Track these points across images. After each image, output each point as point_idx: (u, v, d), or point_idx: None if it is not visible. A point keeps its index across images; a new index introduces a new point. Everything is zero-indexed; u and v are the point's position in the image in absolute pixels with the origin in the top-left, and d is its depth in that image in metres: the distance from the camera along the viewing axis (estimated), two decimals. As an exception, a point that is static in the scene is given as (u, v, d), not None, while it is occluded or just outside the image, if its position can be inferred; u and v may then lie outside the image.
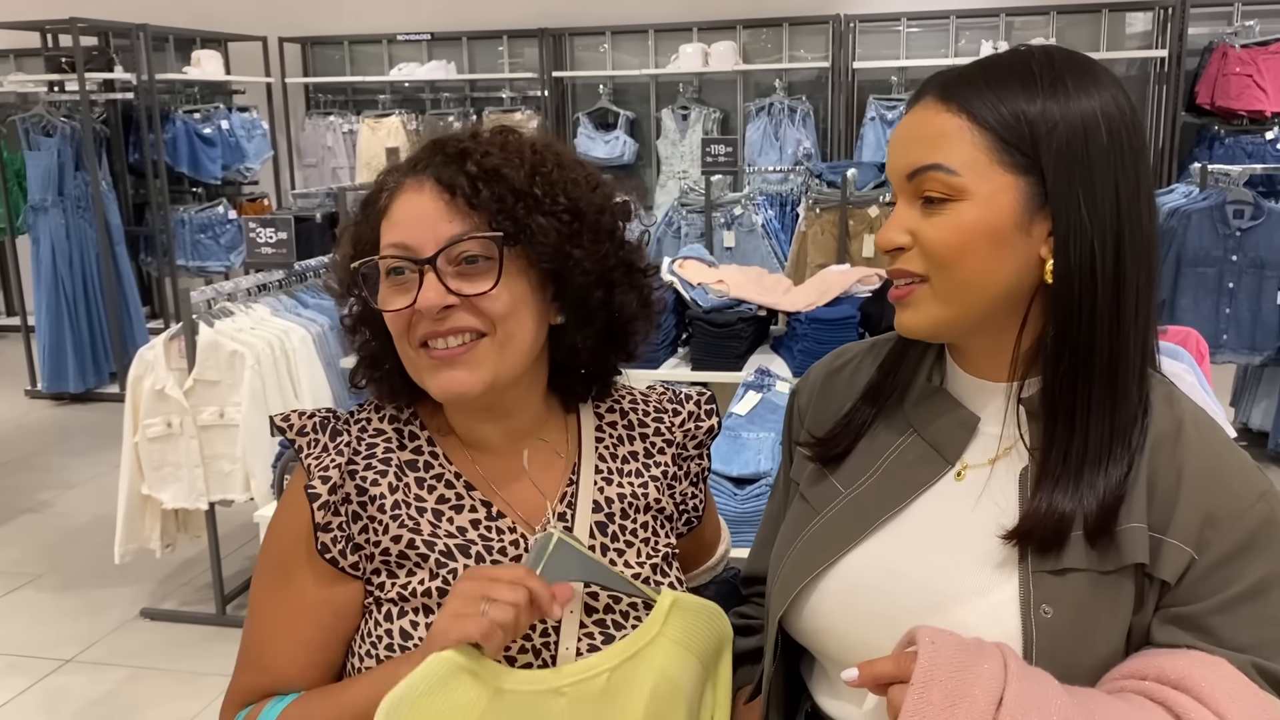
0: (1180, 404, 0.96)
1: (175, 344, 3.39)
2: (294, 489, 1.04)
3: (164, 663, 3.37)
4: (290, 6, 7.90)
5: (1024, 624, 0.90)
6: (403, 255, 0.98)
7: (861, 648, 0.96)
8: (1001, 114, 0.91)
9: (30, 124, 6.20)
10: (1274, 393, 4.79)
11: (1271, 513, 0.90)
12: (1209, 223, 4.42)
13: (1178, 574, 0.89)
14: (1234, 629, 0.88)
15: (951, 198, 0.91)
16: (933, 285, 0.94)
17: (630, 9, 7.37)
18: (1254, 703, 0.82)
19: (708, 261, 3.63)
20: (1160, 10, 6.66)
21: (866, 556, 0.98)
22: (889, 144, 0.99)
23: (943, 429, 1.01)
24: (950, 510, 0.98)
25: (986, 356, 0.99)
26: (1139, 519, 0.90)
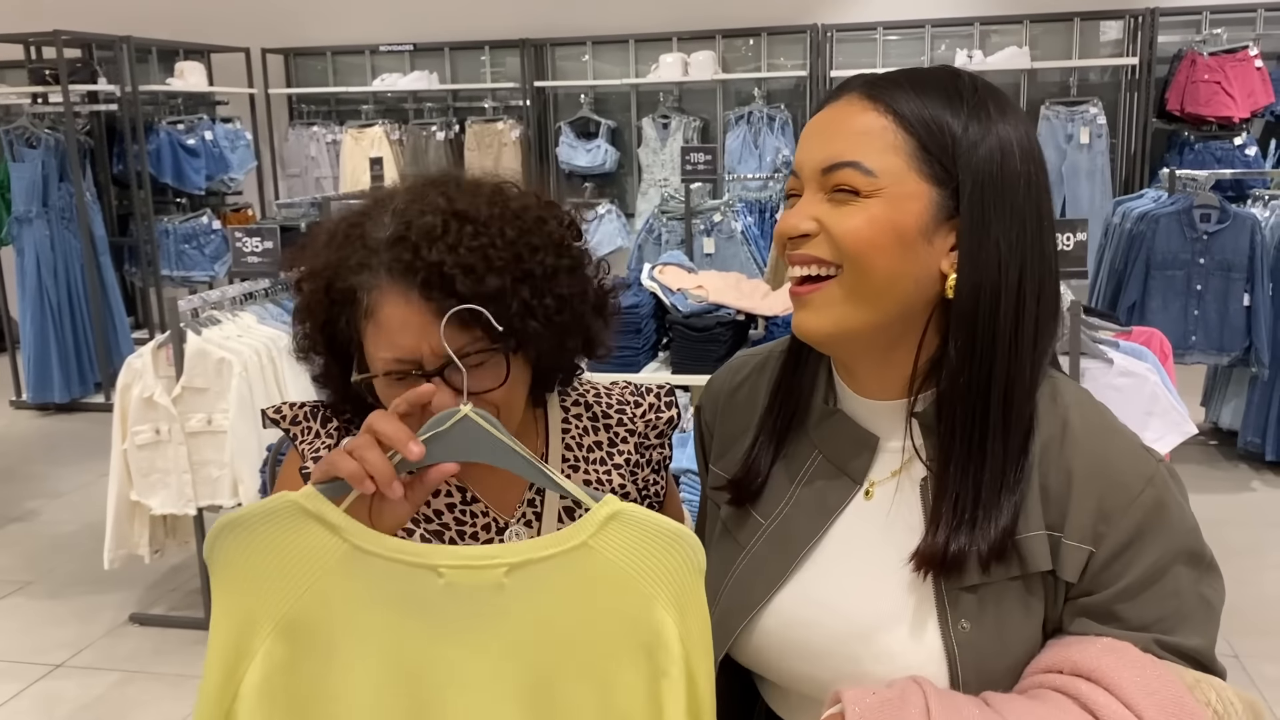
0: (1063, 398, 0.97)
1: (163, 352, 3.44)
2: (287, 472, 1.11)
3: (153, 667, 3.41)
4: (273, 18, 7.94)
5: (945, 642, 0.93)
6: (405, 369, 0.99)
7: (804, 679, 1.01)
8: (926, 122, 0.92)
9: (14, 135, 6.22)
10: (1242, 392, 4.89)
11: (1159, 496, 0.93)
12: (1177, 226, 4.52)
13: (1079, 571, 0.93)
14: (1136, 611, 0.92)
15: (863, 194, 0.91)
16: (842, 281, 0.93)
17: (611, 19, 7.45)
18: (1158, 685, 0.87)
19: (687, 267, 3.70)
20: (1131, 19, 6.78)
21: (795, 592, 1.00)
22: (803, 135, 0.97)
23: (845, 451, 1.02)
24: (864, 532, 1.00)
25: (874, 376, 0.99)
26: (1037, 526, 0.93)
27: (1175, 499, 0.94)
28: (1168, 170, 4.89)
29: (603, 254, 5.15)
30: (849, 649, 0.97)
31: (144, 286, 7.23)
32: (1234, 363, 4.68)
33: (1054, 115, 6.67)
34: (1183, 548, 0.94)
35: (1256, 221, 4.52)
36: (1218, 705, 0.89)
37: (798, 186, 0.97)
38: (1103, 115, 6.64)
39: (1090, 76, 7.03)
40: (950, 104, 0.93)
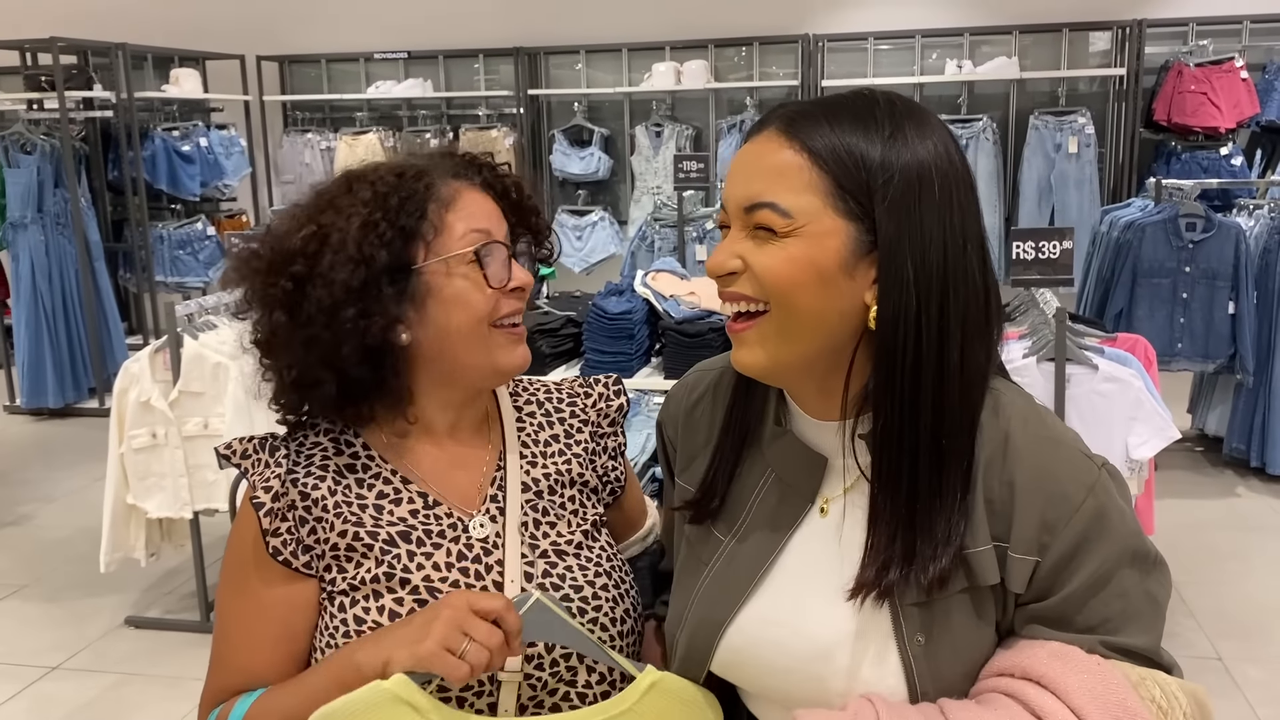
0: (1005, 411, 0.98)
1: (160, 356, 3.47)
2: (245, 504, 1.13)
3: (149, 669, 3.43)
4: (268, 25, 7.98)
5: (901, 656, 0.96)
6: (493, 240, 1.13)
7: (774, 692, 1.05)
8: (841, 159, 0.92)
9: (9, 142, 6.25)
10: (1228, 399, 4.95)
11: (1100, 505, 0.95)
12: (1163, 235, 4.58)
13: (1025, 582, 0.95)
14: (1082, 615, 0.95)
15: (781, 233, 0.93)
16: (771, 317, 0.95)
17: (604, 28, 7.50)
18: (1103, 688, 0.90)
19: (680, 274, 3.74)
20: (1119, 30, 6.85)
21: (756, 611, 1.03)
22: (729, 172, 0.99)
23: (796, 470, 1.04)
24: (820, 548, 1.02)
25: (818, 399, 1.01)
26: (984, 541, 0.95)
27: (1116, 504, 0.96)
28: (1154, 180, 4.94)
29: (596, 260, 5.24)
30: (812, 667, 0.99)
31: (138, 292, 7.25)
32: (1219, 370, 4.73)
33: (1043, 125, 6.73)
34: (1126, 550, 0.95)
35: (1241, 231, 4.58)
36: (1161, 700, 0.92)
37: (726, 220, 0.99)
38: (1091, 125, 6.70)
39: (1079, 86, 7.10)
40: (866, 135, 0.93)
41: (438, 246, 1.10)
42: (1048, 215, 6.70)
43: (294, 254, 1.09)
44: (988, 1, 7.01)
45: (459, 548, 1.12)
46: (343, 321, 1.06)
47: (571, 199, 7.72)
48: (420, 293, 1.09)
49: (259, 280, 1.10)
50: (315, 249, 1.08)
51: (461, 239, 1.10)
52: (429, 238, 1.10)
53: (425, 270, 1.09)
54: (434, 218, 1.10)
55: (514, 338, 1.14)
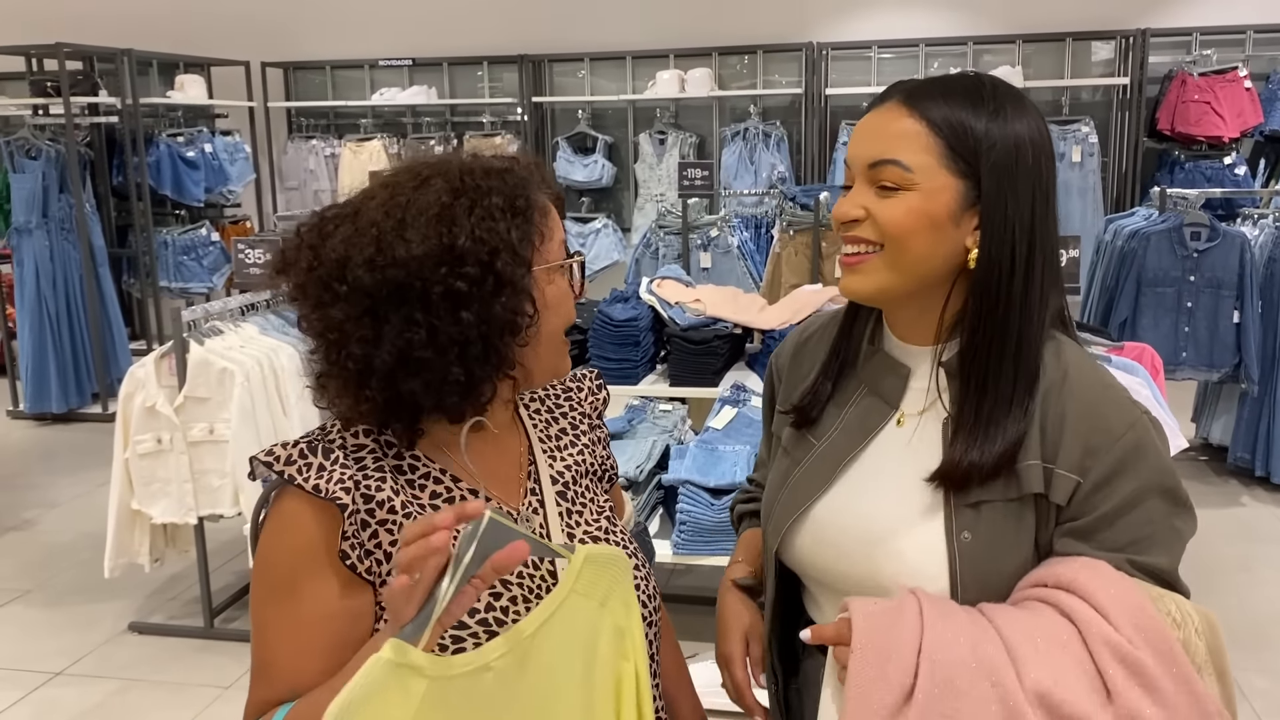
0: (1066, 355, 1.15)
1: (166, 361, 3.47)
2: (288, 509, 1.09)
3: (153, 675, 3.42)
4: (273, 32, 8.00)
5: (949, 548, 1.11)
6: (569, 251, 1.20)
7: (832, 574, 1.21)
8: (953, 126, 1.10)
9: (15, 147, 6.26)
10: (1232, 408, 4.94)
11: (1139, 439, 1.10)
12: (1167, 244, 4.58)
13: (1067, 497, 1.10)
14: (1114, 535, 1.10)
15: (902, 187, 1.10)
16: (884, 255, 1.12)
17: (608, 36, 7.51)
18: (1125, 595, 1.03)
19: (685, 281, 3.74)
20: (1122, 40, 6.87)
21: (832, 499, 1.20)
22: (853, 135, 1.16)
23: (883, 381, 1.21)
24: (893, 453, 1.19)
25: (912, 325, 1.19)
26: (1034, 457, 1.10)
27: (1153, 443, 1.12)
28: (1158, 189, 4.94)
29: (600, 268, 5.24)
30: (867, 550, 1.15)
31: (142, 298, 7.26)
32: (1224, 379, 4.73)
33: (1046, 134, 6.73)
34: (1158, 484, 1.10)
35: (1246, 240, 4.58)
36: (1176, 615, 1.04)
37: (850, 179, 1.16)
38: (1094, 134, 6.71)
39: (1082, 96, 7.12)
40: (974, 109, 1.11)
41: (543, 253, 1.15)
42: (1051, 224, 6.69)
43: (465, 254, 1.06)
44: (991, 10, 7.03)
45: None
46: (521, 324, 1.11)
47: (575, 206, 7.73)
48: (528, 295, 1.12)
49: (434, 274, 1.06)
50: (477, 250, 1.07)
51: (558, 249, 1.17)
52: (537, 244, 1.14)
53: (536, 274, 1.13)
54: (540, 225, 1.15)
55: (567, 344, 1.22)
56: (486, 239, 1.08)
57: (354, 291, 1.07)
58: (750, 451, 2.98)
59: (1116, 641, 0.99)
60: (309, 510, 1.08)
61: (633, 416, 3.48)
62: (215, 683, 3.35)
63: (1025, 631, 1.02)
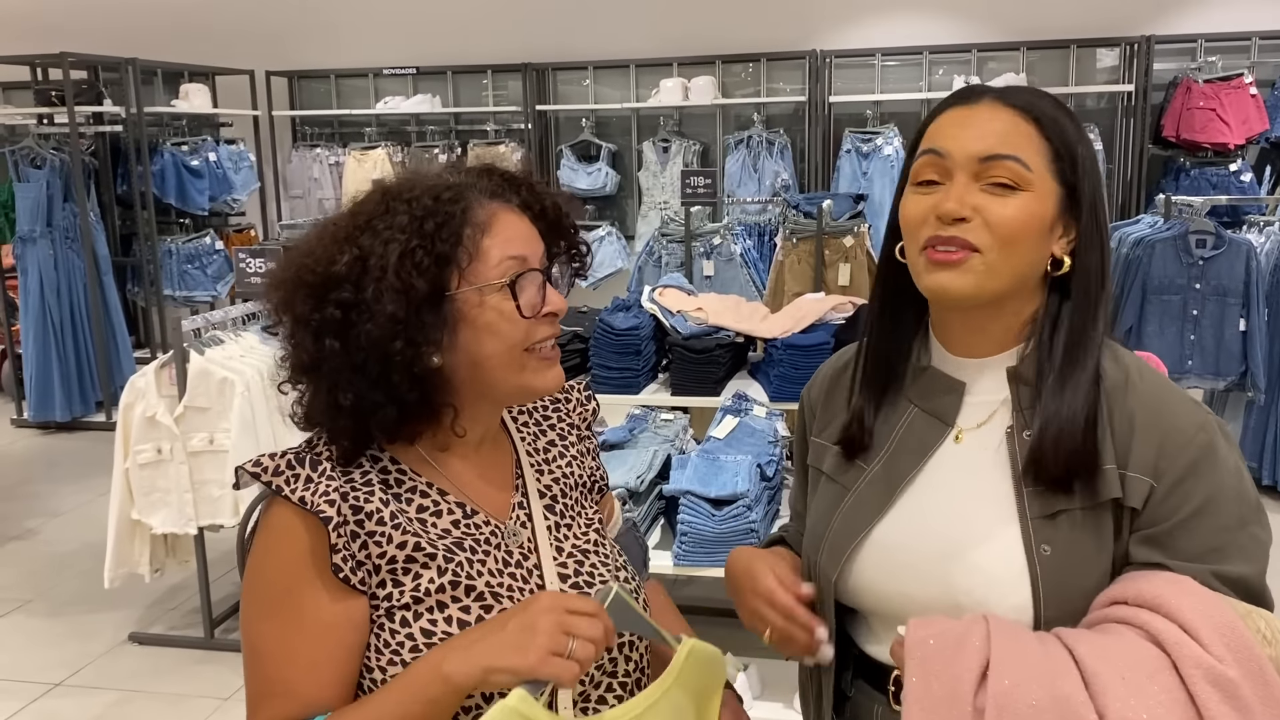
0: (1123, 359, 1.14)
1: (166, 371, 3.46)
2: (278, 522, 1.08)
3: (152, 686, 3.41)
4: (277, 40, 8.01)
5: (1029, 562, 1.07)
6: (523, 268, 1.12)
7: (898, 597, 1.15)
8: (1060, 130, 1.10)
9: (19, 156, 6.28)
10: (1239, 416, 4.91)
11: (1210, 439, 1.08)
12: (1173, 252, 4.55)
13: (1143, 500, 1.07)
14: (1191, 541, 1.05)
15: (1020, 187, 1.07)
16: (985, 258, 1.08)
17: (612, 44, 7.51)
18: (1214, 612, 0.97)
19: (687, 290, 3.73)
20: (1127, 46, 6.85)
21: (894, 520, 1.15)
22: (943, 126, 1.12)
23: (937, 398, 1.17)
24: (955, 470, 1.15)
25: (976, 336, 1.16)
26: (1109, 461, 1.07)
27: (1224, 444, 1.09)
28: (1163, 196, 4.92)
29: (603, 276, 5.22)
30: (941, 567, 1.10)
31: (146, 306, 7.27)
32: (1230, 387, 4.70)
33: (1051, 141, 6.71)
34: (1232, 487, 1.07)
35: (1252, 247, 4.55)
36: (1267, 632, 0.98)
37: (940, 172, 1.10)
38: (1099, 141, 6.69)
39: (1087, 103, 7.10)
40: (1070, 119, 1.12)
41: (471, 274, 1.08)
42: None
43: (340, 279, 1.06)
44: (995, 17, 7.02)
45: (501, 554, 1.13)
46: (392, 353, 1.05)
47: (579, 214, 7.71)
48: (453, 318, 1.08)
49: (306, 303, 1.07)
50: (358, 276, 1.06)
51: (497, 266, 1.09)
52: (463, 264, 1.08)
53: (458, 297, 1.08)
54: (469, 243, 1.08)
55: (547, 361, 1.14)
56: (368, 263, 1.06)
57: (274, 311, 1.11)
58: (752, 462, 2.96)
59: (1209, 663, 0.93)
60: (299, 522, 1.07)
61: (634, 426, 3.47)
62: (215, 694, 3.34)
63: (1109, 660, 0.95)
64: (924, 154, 1.12)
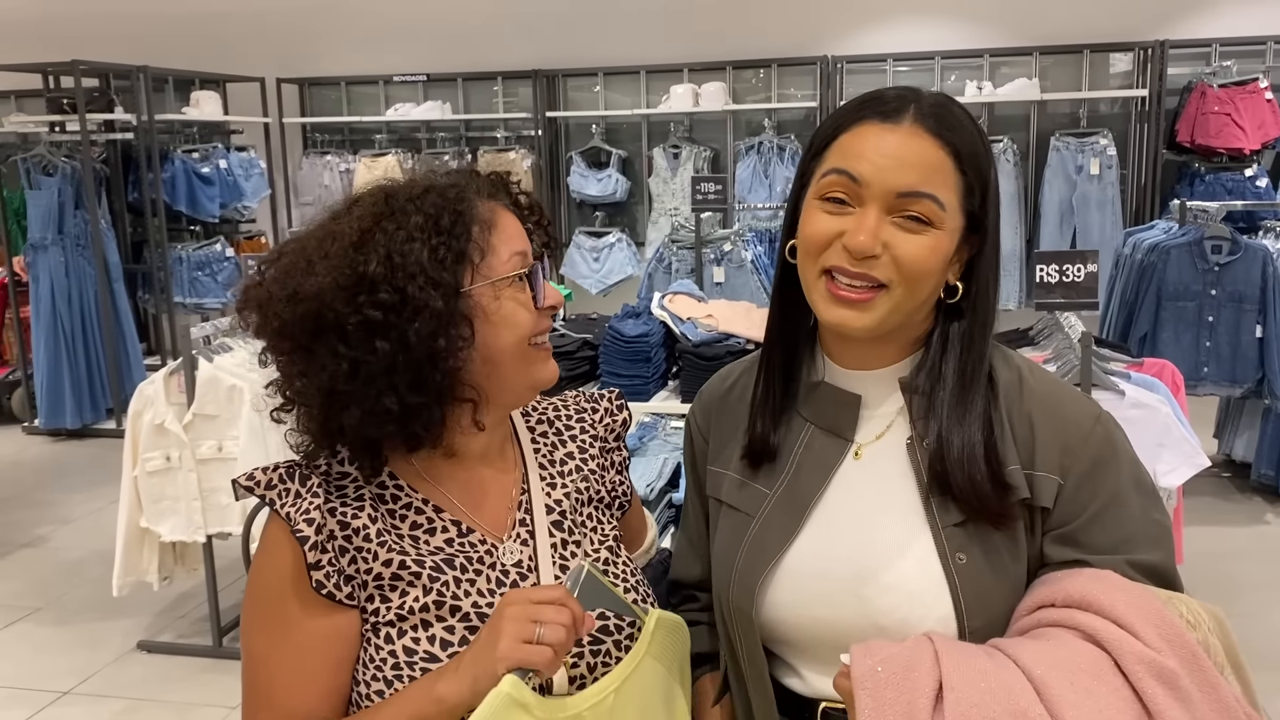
0: (1013, 360, 1.15)
1: (175, 379, 3.46)
2: (271, 536, 1.08)
3: (160, 694, 3.40)
4: (288, 48, 8.03)
5: (946, 573, 1.05)
6: (530, 261, 1.14)
7: (815, 625, 1.11)
8: (974, 162, 1.06)
9: (31, 163, 6.29)
10: (1255, 424, 4.86)
11: (1108, 432, 1.10)
12: (1188, 258, 4.52)
13: (1053, 499, 1.07)
14: (1104, 534, 1.06)
15: (932, 225, 1.04)
16: (890, 293, 1.06)
17: (622, 51, 7.50)
18: (1143, 602, 0.98)
19: (697, 296, 3.71)
20: (1141, 51, 6.80)
21: (804, 545, 1.12)
22: (863, 151, 1.04)
23: (831, 413, 1.15)
24: (858, 487, 1.12)
25: (868, 351, 1.13)
26: (1013, 462, 1.07)
27: (1120, 433, 1.11)
28: (1178, 201, 4.88)
29: (613, 282, 5.20)
30: (857, 589, 1.07)
31: (157, 313, 7.27)
32: (1246, 394, 4.66)
33: (1064, 146, 6.68)
34: (1131, 475, 1.09)
35: (1268, 253, 4.51)
36: (1189, 617, 1.00)
37: (852, 195, 1.05)
38: (1113, 146, 6.65)
39: (1100, 108, 7.05)
40: (981, 137, 1.08)
41: (485, 269, 1.09)
42: (1069, 238, 6.64)
43: (374, 280, 1.03)
44: (1008, 22, 6.98)
45: (496, 574, 1.12)
46: (438, 351, 1.05)
47: (589, 221, 7.71)
48: (469, 314, 1.08)
49: (345, 306, 1.03)
50: (390, 275, 1.04)
51: (507, 262, 1.11)
52: (475, 260, 1.09)
53: (474, 293, 1.09)
54: (479, 239, 1.10)
55: (546, 353, 1.16)
56: (401, 263, 1.05)
57: (282, 327, 1.06)
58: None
59: (1150, 657, 0.93)
60: (286, 536, 1.07)
61: (644, 434, 3.45)
62: (223, 703, 3.32)
63: (1054, 667, 0.94)
64: (837, 172, 1.05)
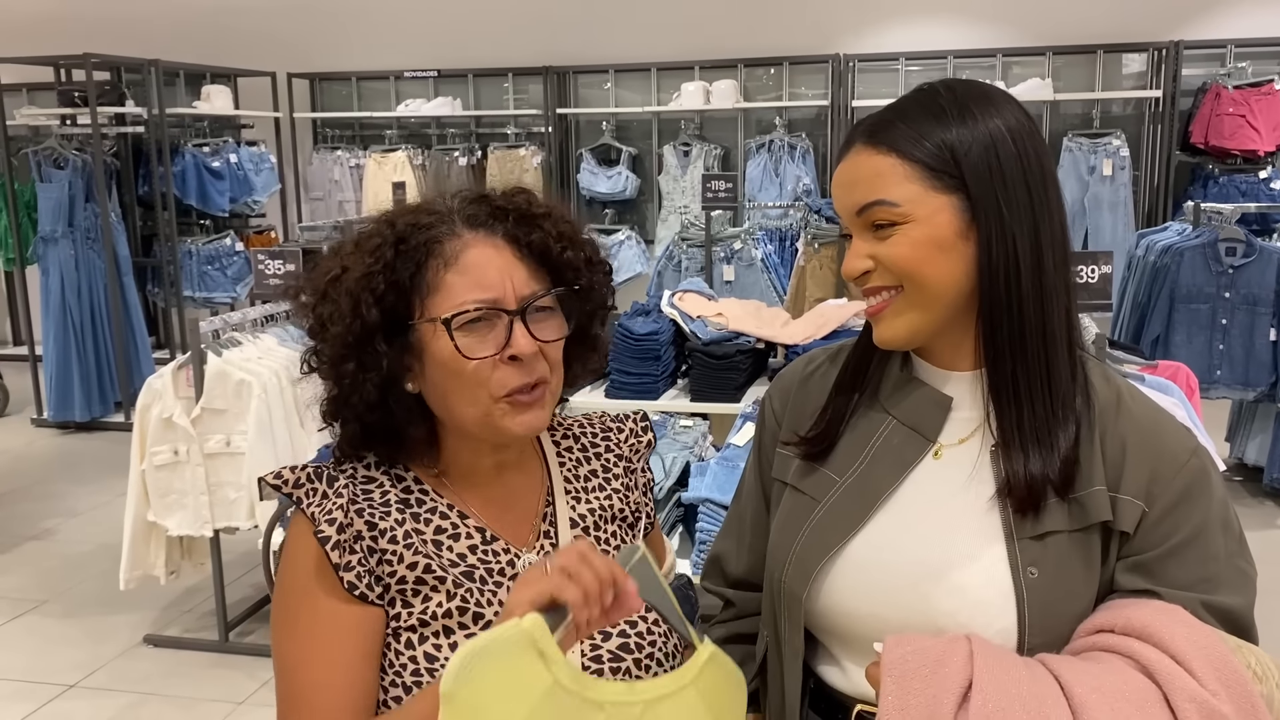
0: (1114, 380, 1.10)
1: (183, 373, 3.45)
2: (297, 537, 1.08)
3: (166, 689, 3.39)
4: (299, 43, 8.03)
5: (1015, 586, 1.02)
6: (490, 306, 1.05)
7: (870, 619, 1.08)
8: (925, 146, 1.03)
9: (42, 156, 6.30)
10: (1268, 428, 4.83)
11: (1203, 465, 1.05)
12: (1202, 260, 4.48)
13: (1134, 525, 1.03)
14: (1181, 569, 1.02)
15: (897, 222, 1.03)
16: (906, 296, 1.05)
17: (633, 48, 7.49)
18: (1206, 643, 0.93)
19: (707, 295, 3.69)
20: (1155, 51, 6.77)
21: (870, 536, 1.09)
22: (833, 189, 1.11)
23: (919, 411, 1.12)
24: (934, 487, 1.10)
25: (949, 350, 1.11)
26: (1099, 482, 1.03)
27: (1215, 472, 1.06)
28: (1192, 203, 4.85)
29: (622, 280, 5.20)
30: (921, 587, 1.05)
31: (166, 307, 7.28)
32: (1259, 398, 4.62)
33: (1076, 147, 6.65)
34: (1220, 516, 1.04)
35: (1283, 256, 4.48)
36: (1256, 668, 0.95)
37: (846, 230, 1.10)
38: (1126, 147, 6.61)
39: (1113, 109, 7.01)
40: (939, 121, 1.04)
41: (430, 306, 1.05)
42: (1081, 239, 6.61)
43: (319, 292, 1.09)
44: (1021, 22, 6.95)
45: None
46: (343, 375, 1.07)
47: (599, 218, 7.70)
48: (418, 348, 1.07)
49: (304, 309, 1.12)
50: (327, 290, 1.09)
51: (458, 302, 1.04)
52: (423, 295, 1.05)
53: (418, 328, 1.06)
54: (431, 275, 1.05)
55: (516, 408, 1.06)
56: (339, 279, 1.07)
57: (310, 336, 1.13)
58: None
59: (1203, 697, 0.89)
60: (313, 535, 1.06)
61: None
62: (229, 698, 3.31)
63: (1097, 690, 0.91)
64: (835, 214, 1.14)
